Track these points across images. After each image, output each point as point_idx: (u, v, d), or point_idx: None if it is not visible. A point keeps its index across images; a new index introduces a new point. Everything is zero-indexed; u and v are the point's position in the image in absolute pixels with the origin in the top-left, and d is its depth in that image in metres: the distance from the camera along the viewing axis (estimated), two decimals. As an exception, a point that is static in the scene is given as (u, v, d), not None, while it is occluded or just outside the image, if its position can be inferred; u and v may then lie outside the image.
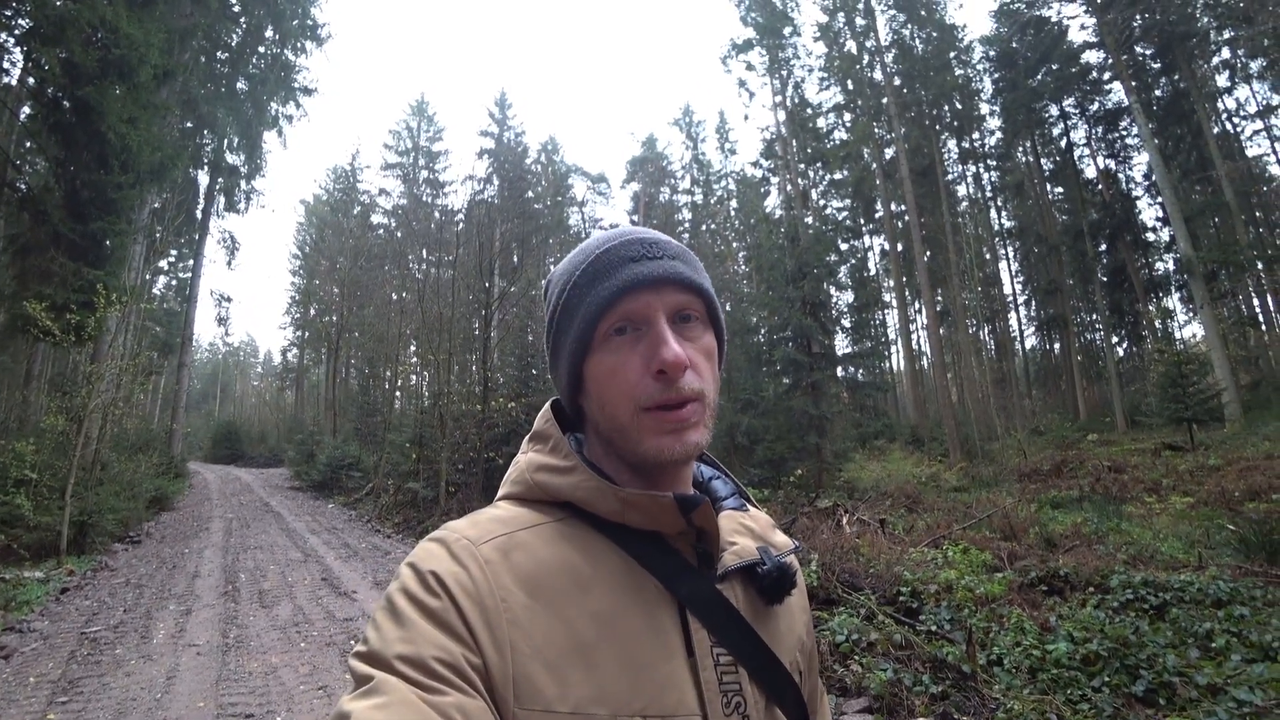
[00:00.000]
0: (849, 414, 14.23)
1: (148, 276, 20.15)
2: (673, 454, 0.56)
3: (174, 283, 29.71)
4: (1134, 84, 21.60)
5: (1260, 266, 19.57)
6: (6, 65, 11.07)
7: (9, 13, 9.82)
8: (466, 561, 0.51)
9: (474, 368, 14.93)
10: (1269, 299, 23.36)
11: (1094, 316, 27.12)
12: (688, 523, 0.57)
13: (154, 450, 16.08)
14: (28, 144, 13.64)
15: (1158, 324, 24.77)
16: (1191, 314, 23.81)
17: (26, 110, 12.45)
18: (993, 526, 7.44)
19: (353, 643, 4.99)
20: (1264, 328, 23.83)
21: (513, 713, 0.47)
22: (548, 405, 0.66)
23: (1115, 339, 25.75)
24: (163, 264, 26.16)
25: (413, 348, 22.67)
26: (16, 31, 10.45)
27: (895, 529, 8.11)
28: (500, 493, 0.63)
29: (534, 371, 14.53)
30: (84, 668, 4.42)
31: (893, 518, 9.07)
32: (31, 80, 10.99)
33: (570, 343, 0.59)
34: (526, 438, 0.66)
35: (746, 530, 0.66)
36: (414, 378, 22.45)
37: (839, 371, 14.96)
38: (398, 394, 25.34)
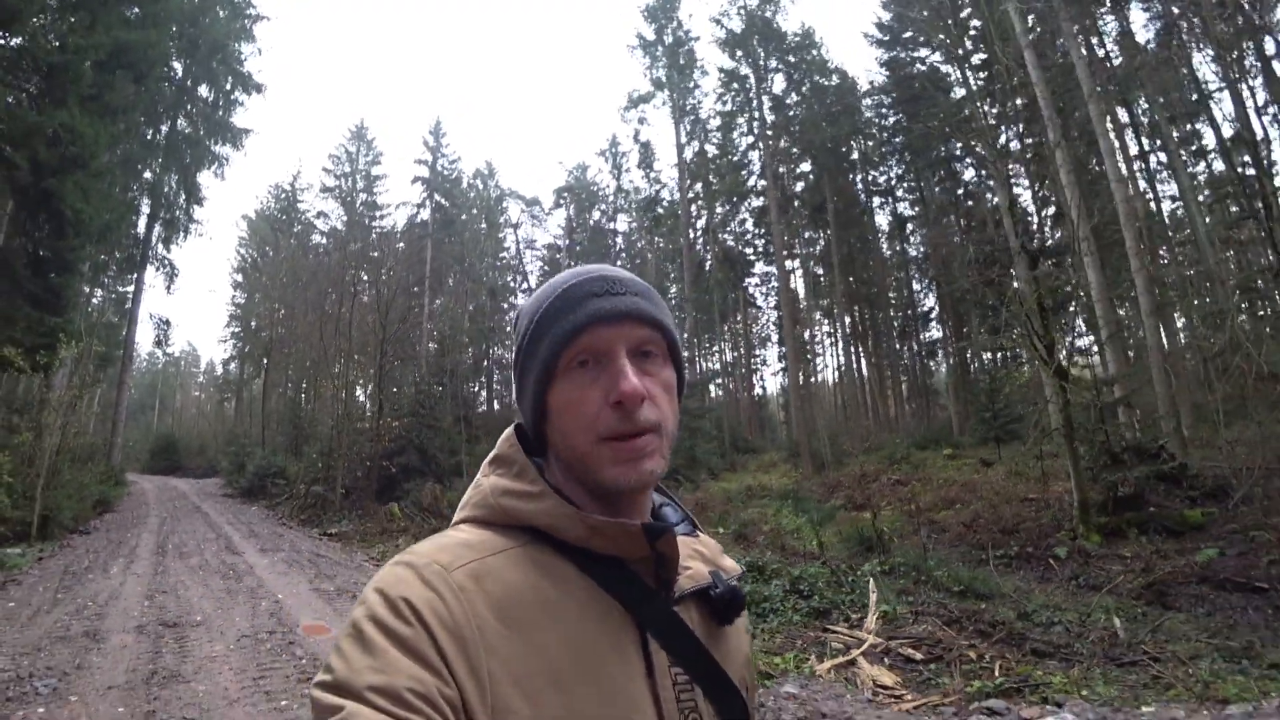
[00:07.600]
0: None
1: (95, 300, 22.25)
2: (628, 482, 0.58)
3: (113, 296, 30.33)
4: (1016, 129, 21.74)
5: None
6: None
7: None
8: (440, 588, 0.51)
9: (371, 388, 17.99)
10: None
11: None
12: (651, 549, 0.59)
13: (97, 460, 18.60)
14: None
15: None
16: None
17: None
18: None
19: (232, 574, 8.16)
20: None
21: None
22: (511, 429, 0.67)
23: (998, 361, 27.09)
24: (102, 278, 27.56)
25: (337, 369, 25.26)
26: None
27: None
28: (461, 515, 0.64)
29: (430, 389, 17.56)
30: (72, 580, 7.84)
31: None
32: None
33: (535, 373, 0.61)
34: (487, 460, 0.67)
35: (698, 555, 0.68)
36: (329, 395, 24.83)
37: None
38: (339, 406, 27.41)
